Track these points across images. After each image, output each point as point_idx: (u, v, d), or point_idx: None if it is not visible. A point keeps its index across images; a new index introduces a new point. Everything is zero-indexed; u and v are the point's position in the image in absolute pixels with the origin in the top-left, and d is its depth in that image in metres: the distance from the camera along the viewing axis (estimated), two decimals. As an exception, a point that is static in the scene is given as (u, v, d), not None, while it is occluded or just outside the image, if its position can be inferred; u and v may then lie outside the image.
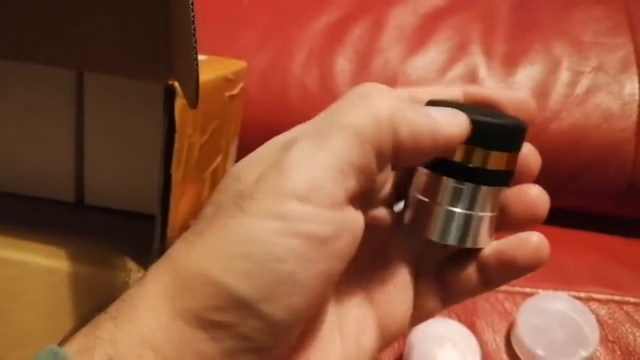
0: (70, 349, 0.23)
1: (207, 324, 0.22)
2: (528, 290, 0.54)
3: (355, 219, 0.24)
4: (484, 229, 0.27)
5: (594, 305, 0.53)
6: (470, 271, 0.29)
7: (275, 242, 0.22)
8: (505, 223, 0.28)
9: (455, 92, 0.29)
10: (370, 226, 0.27)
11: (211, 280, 0.22)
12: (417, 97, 0.28)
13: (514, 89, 0.28)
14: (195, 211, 0.40)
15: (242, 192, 0.24)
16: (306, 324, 0.25)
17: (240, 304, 0.22)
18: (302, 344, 0.26)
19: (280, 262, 0.22)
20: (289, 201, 0.22)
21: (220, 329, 0.22)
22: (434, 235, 0.27)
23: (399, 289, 0.29)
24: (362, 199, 0.25)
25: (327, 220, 0.23)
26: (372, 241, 0.28)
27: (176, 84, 0.37)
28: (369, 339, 0.28)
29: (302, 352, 0.26)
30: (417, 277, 0.29)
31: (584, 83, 0.63)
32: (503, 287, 0.54)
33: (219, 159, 0.46)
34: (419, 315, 0.29)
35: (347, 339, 0.27)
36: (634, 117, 0.61)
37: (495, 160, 0.26)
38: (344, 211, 0.24)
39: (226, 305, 0.22)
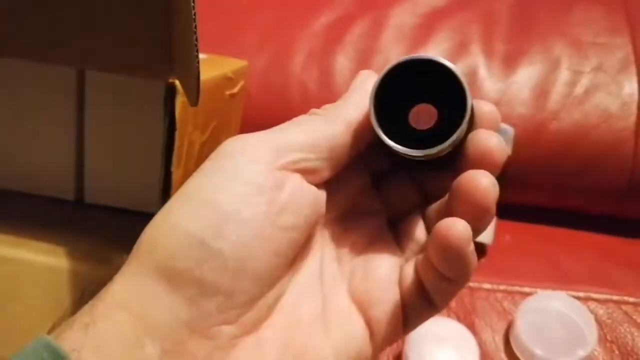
0: (56, 333, 0.24)
1: (167, 274, 0.24)
2: (527, 289, 0.54)
3: (301, 184, 0.26)
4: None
5: (593, 304, 0.53)
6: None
7: (222, 187, 0.25)
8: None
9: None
10: (359, 219, 0.29)
11: (166, 230, 0.25)
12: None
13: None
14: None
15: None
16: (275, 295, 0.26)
17: (193, 244, 0.24)
18: (281, 324, 0.27)
19: (227, 204, 0.24)
20: (247, 163, 0.25)
21: (179, 275, 0.24)
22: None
23: (380, 281, 0.28)
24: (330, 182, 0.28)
25: (268, 175, 0.25)
26: (363, 231, 0.29)
27: (177, 82, 0.37)
28: (354, 328, 0.28)
29: (281, 331, 0.27)
30: (401, 274, 0.29)
31: (583, 83, 0.63)
32: (502, 287, 0.54)
33: (219, 157, 0.46)
34: (410, 319, 0.29)
35: (331, 328, 0.28)
36: (633, 117, 0.61)
37: None
38: (287, 174, 0.26)
39: (181, 249, 0.24)
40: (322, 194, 0.28)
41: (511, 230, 0.60)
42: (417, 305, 0.28)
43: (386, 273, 0.28)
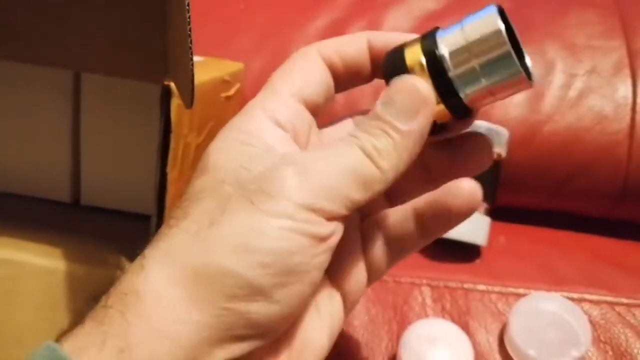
0: (73, 345, 0.24)
1: (223, 313, 0.24)
2: (521, 291, 0.54)
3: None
4: None
5: (587, 306, 0.54)
6: (409, 224, 0.31)
7: (287, 238, 0.25)
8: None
9: (360, 39, 0.31)
10: None
11: (229, 272, 0.24)
12: (342, 51, 0.30)
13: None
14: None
15: (252, 188, 0.26)
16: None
17: (257, 293, 0.24)
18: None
19: (291, 255, 0.25)
20: (300, 207, 0.25)
21: (234, 316, 0.24)
22: None
23: (351, 257, 0.31)
24: None
25: (328, 225, 0.26)
26: None
27: (172, 85, 0.37)
28: (337, 306, 0.31)
29: (289, 332, 0.28)
30: (365, 241, 0.32)
31: (577, 86, 0.64)
32: (496, 288, 0.55)
33: (214, 159, 0.46)
34: (372, 278, 0.32)
35: (323, 314, 0.30)
36: (627, 119, 0.62)
37: None
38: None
39: (243, 294, 0.24)
40: None
41: (505, 231, 0.60)
42: (380, 264, 0.32)
43: (353, 245, 0.31)
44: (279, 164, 0.26)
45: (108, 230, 0.41)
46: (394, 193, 0.32)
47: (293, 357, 0.28)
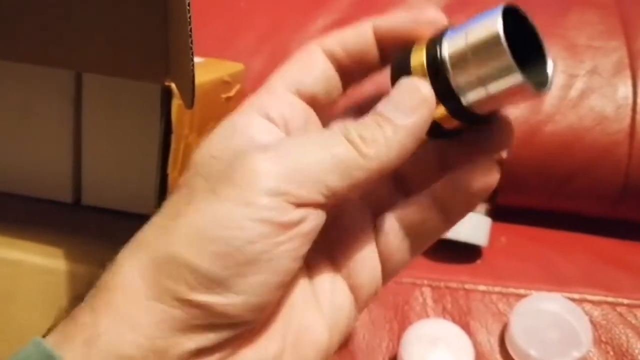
0: (52, 339, 0.24)
1: (184, 304, 0.24)
2: (522, 291, 0.54)
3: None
4: None
5: (587, 306, 0.54)
6: (429, 211, 0.29)
7: (245, 226, 0.24)
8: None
9: (364, 27, 0.30)
10: None
11: (185, 263, 0.24)
12: (344, 42, 0.30)
13: (420, 9, 0.30)
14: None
15: (218, 176, 0.25)
16: (281, 296, 0.27)
17: (214, 284, 0.24)
18: (279, 313, 0.28)
19: (250, 244, 0.24)
20: (263, 193, 0.24)
21: (196, 307, 0.24)
22: None
23: (361, 249, 0.30)
24: None
25: (296, 211, 0.25)
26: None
27: (173, 85, 0.37)
28: (341, 299, 0.29)
29: (281, 320, 0.28)
30: (379, 233, 0.30)
31: (578, 86, 0.64)
32: (497, 288, 0.55)
33: (215, 160, 0.46)
34: (390, 269, 0.30)
35: (322, 304, 0.29)
36: (627, 119, 0.62)
37: None
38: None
39: (201, 285, 0.24)
40: None
41: (506, 232, 0.60)
42: (397, 256, 0.30)
43: (364, 237, 0.30)
44: (248, 151, 0.25)
45: (109, 230, 0.41)
46: (411, 185, 0.31)
47: (287, 348, 0.27)
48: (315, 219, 0.25)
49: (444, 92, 0.27)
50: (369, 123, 0.26)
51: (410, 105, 0.27)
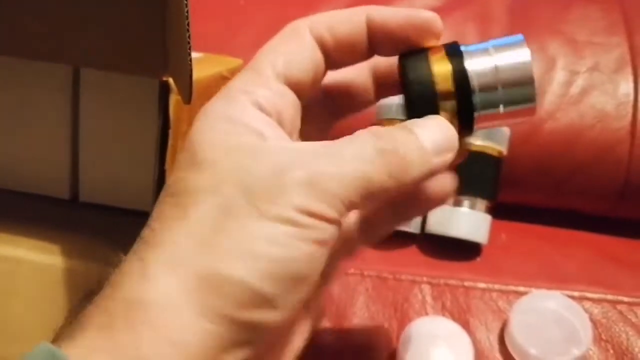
0: (76, 351, 0.23)
1: (230, 322, 0.24)
2: (522, 289, 0.54)
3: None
4: None
5: (588, 304, 0.54)
6: (383, 210, 0.34)
7: (290, 244, 0.25)
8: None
9: (358, 15, 0.31)
10: None
11: (235, 281, 0.24)
12: (335, 27, 0.31)
13: (418, 10, 0.31)
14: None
15: (256, 192, 0.25)
16: None
17: (264, 301, 0.25)
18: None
19: (294, 262, 0.25)
20: (305, 213, 0.25)
21: (241, 325, 0.24)
22: None
23: None
24: None
25: (330, 229, 0.26)
26: None
27: (171, 80, 0.37)
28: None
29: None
30: None
31: (579, 83, 0.63)
32: (497, 286, 0.54)
33: (214, 156, 0.46)
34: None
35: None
36: (629, 117, 0.62)
37: None
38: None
39: (250, 302, 0.24)
40: None
41: (506, 229, 0.60)
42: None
43: None
44: (286, 168, 0.26)
45: (107, 227, 0.41)
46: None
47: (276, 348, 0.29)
48: (336, 233, 0.27)
49: (463, 107, 0.29)
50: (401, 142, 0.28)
51: (444, 148, 0.29)
